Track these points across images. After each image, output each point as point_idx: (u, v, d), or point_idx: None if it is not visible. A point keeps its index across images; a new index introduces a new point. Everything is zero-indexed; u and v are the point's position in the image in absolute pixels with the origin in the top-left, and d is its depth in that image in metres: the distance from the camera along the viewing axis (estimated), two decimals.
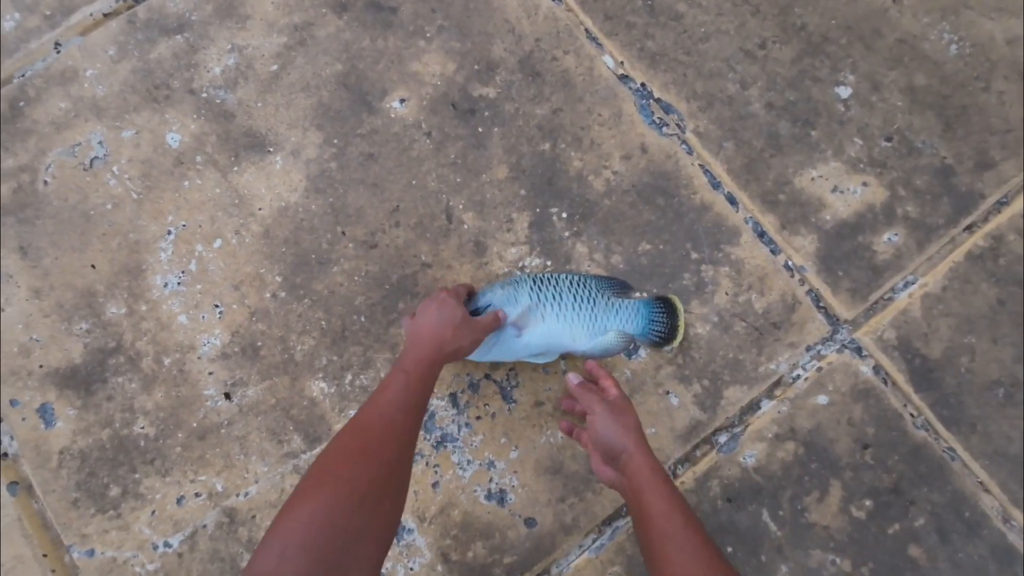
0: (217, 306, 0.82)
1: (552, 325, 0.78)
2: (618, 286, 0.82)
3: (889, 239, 0.84)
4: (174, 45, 0.89)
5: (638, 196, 0.86)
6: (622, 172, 0.87)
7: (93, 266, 0.83)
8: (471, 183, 0.86)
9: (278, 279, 0.83)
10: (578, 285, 0.80)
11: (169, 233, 0.84)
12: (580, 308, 0.79)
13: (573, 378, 0.71)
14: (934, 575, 0.75)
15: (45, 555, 0.76)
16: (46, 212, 0.84)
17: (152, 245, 0.84)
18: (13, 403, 0.79)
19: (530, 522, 0.77)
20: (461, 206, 0.85)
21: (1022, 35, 0.89)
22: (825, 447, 0.78)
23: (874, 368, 0.81)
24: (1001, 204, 0.86)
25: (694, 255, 0.84)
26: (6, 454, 0.79)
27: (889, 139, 0.87)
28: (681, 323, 0.80)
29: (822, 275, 0.84)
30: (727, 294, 0.83)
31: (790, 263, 0.84)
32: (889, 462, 0.78)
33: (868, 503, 0.77)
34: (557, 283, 0.79)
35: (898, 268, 0.84)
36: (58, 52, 0.89)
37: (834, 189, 0.86)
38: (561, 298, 0.78)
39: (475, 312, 0.76)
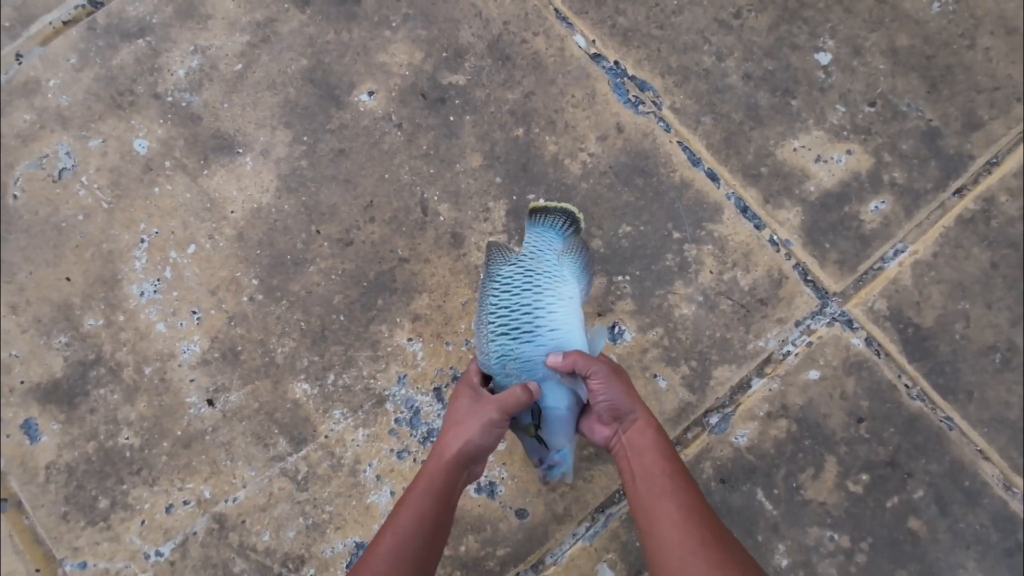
0: (195, 312, 0.79)
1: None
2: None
3: (876, 207, 0.79)
4: (136, 50, 0.85)
5: (616, 177, 0.81)
6: (598, 154, 0.82)
7: (68, 279, 0.80)
8: (445, 174, 0.81)
9: (254, 282, 0.79)
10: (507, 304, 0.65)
11: (142, 241, 0.80)
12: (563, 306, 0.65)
13: (554, 357, 0.63)
14: (934, 547, 0.71)
15: (38, 570, 0.73)
16: (17, 227, 0.81)
17: (126, 254, 0.80)
18: None
19: (521, 513, 0.73)
20: (436, 197, 0.81)
21: None
22: (818, 423, 0.75)
23: (866, 340, 0.77)
24: (991, 165, 0.80)
25: (676, 235, 0.80)
26: None
27: (872, 104, 0.82)
28: (558, 204, 0.71)
29: (808, 248, 0.79)
30: (711, 272, 0.78)
31: (775, 237, 0.79)
32: (885, 435, 0.74)
33: (864, 477, 0.73)
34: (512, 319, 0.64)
35: (887, 237, 0.79)
36: (19, 63, 0.85)
37: (817, 159, 0.81)
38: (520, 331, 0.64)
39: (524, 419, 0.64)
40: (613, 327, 0.78)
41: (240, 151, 0.83)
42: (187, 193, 0.82)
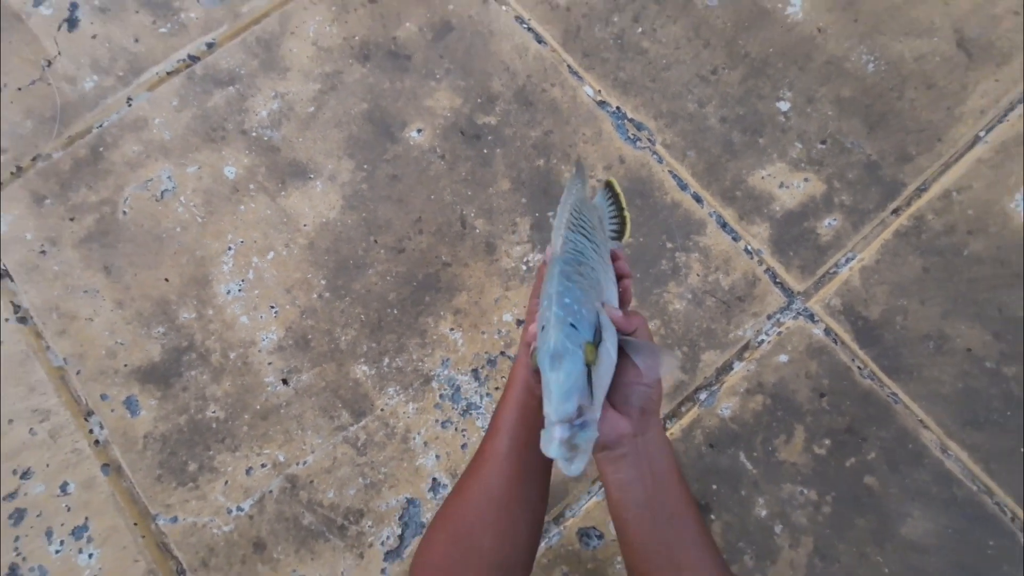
0: (272, 307, 0.91)
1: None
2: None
3: (829, 224, 0.94)
4: (227, 95, 1.00)
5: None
6: (605, 179, 0.97)
7: (166, 280, 0.92)
8: (480, 195, 0.96)
9: (322, 282, 0.92)
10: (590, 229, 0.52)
11: (229, 249, 0.93)
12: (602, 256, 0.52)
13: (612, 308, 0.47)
14: (886, 499, 0.82)
15: (135, 524, 0.83)
16: (125, 237, 0.93)
17: (215, 259, 0.93)
18: (103, 397, 0.87)
19: None
20: (472, 214, 0.95)
21: (925, 54, 1.01)
22: (788, 397, 0.87)
23: (825, 330, 0.90)
24: (920, 190, 0.96)
25: (668, 245, 0.93)
26: (98, 441, 0.86)
27: (824, 142, 0.98)
28: (625, 210, 0.62)
29: (776, 256, 0.93)
30: (698, 275, 0.92)
31: (749, 247, 0.94)
32: (843, 407, 0.86)
33: (827, 442, 0.85)
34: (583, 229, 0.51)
35: (839, 247, 0.93)
36: (130, 105, 0.99)
37: (781, 185, 0.96)
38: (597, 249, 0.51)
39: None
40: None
41: (311, 176, 0.97)
42: (267, 210, 0.95)
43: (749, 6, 1.04)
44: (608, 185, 0.66)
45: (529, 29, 1.03)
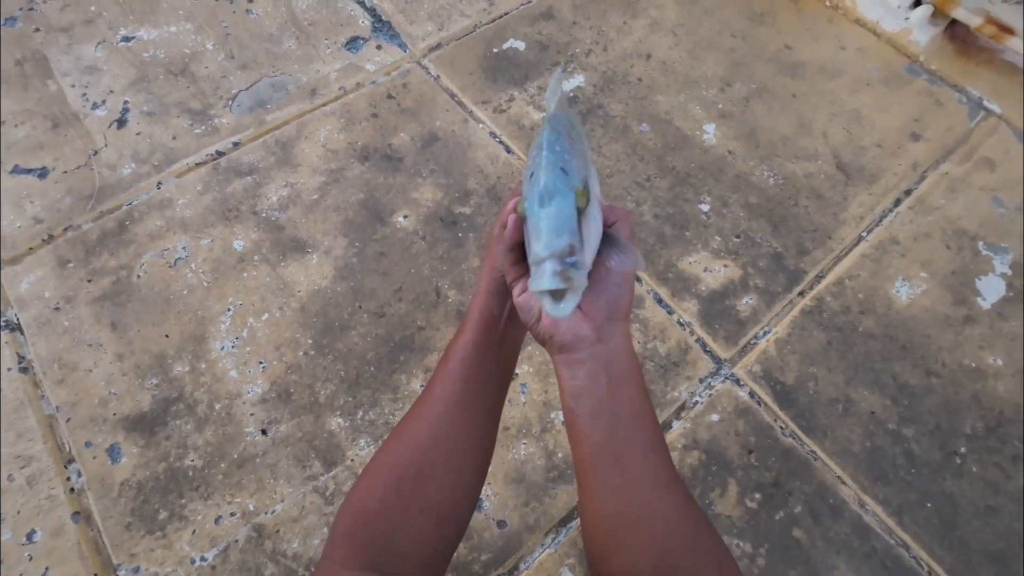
0: (261, 362, 0.92)
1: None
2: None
3: (747, 302, 1.02)
4: (244, 183, 1.09)
5: None
6: None
7: (167, 336, 0.93)
8: (454, 270, 1.02)
9: (309, 341, 0.94)
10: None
11: (229, 310, 0.96)
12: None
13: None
14: (813, 551, 0.82)
15: (95, 575, 0.77)
16: (136, 297, 0.96)
17: (215, 319, 0.95)
18: (88, 444, 0.84)
19: (501, 524, 0.82)
20: (447, 286, 1.01)
21: (812, 172, 1.17)
22: (721, 453, 0.89)
23: (749, 393, 0.94)
24: (819, 277, 1.06)
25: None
26: (73, 489, 0.82)
27: (738, 236, 1.09)
28: None
29: (704, 328, 1.00)
30: (639, 343, 0.97)
31: (681, 320, 1.00)
32: (768, 462, 0.88)
33: (757, 495, 0.86)
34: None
35: (756, 322, 1.01)
36: (159, 188, 1.07)
37: (705, 269, 1.05)
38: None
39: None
40: None
41: (309, 251, 1.03)
42: (267, 278, 1.00)
43: (674, 132, 1.21)
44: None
45: (500, 142, 1.17)
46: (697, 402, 0.93)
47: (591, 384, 0.39)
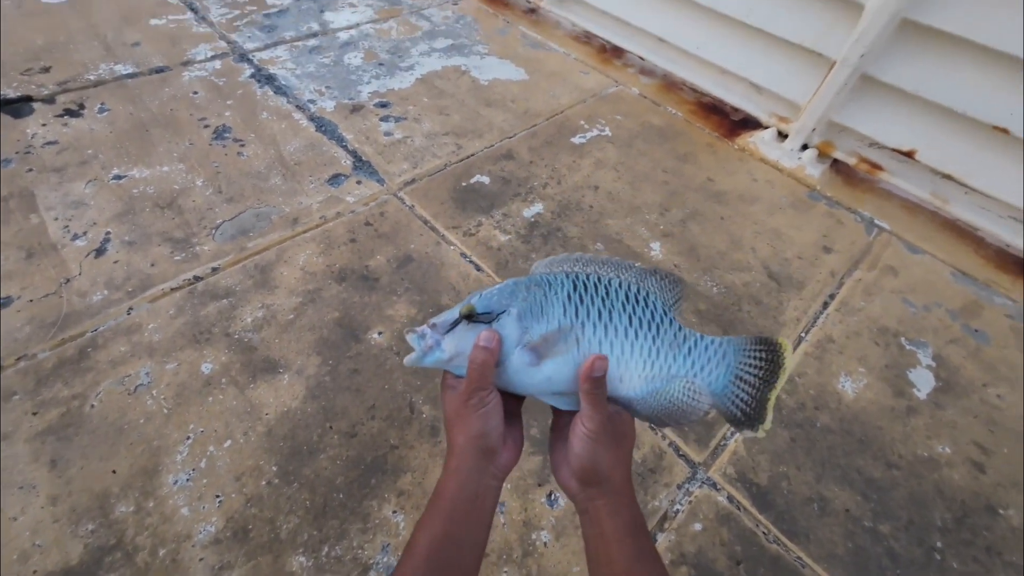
0: (218, 496, 0.84)
1: (590, 350, 0.46)
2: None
3: None
4: (220, 306, 1.09)
5: None
6: None
7: (114, 471, 0.84)
8: (428, 384, 1.02)
9: (274, 468, 0.88)
10: (637, 301, 0.47)
11: (188, 438, 0.89)
12: (639, 335, 0.46)
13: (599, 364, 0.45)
14: None
15: None
16: (85, 429, 0.88)
17: (171, 449, 0.88)
18: None
19: None
20: (420, 401, 0.99)
21: (749, 282, 1.30)
22: (709, 567, 0.84)
23: (728, 497, 0.93)
24: None
25: None
26: None
27: None
28: (776, 389, 0.48)
29: (675, 431, 1.01)
30: None
31: (652, 425, 1.01)
32: (758, 573, 0.84)
33: None
34: (607, 292, 0.47)
35: (722, 423, 1.03)
36: (129, 314, 1.05)
37: None
38: (611, 318, 0.46)
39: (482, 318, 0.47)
40: (550, 495, 0.90)
41: (281, 371, 1.00)
42: (234, 401, 0.95)
43: (625, 250, 1.33)
44: (772, 346, 0.48)
45: (470, 261, 1.25)
46: (679, 511, 0.90)
47: (591, 532, 0.46)
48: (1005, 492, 0.97)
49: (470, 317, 0.47)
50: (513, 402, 0.51)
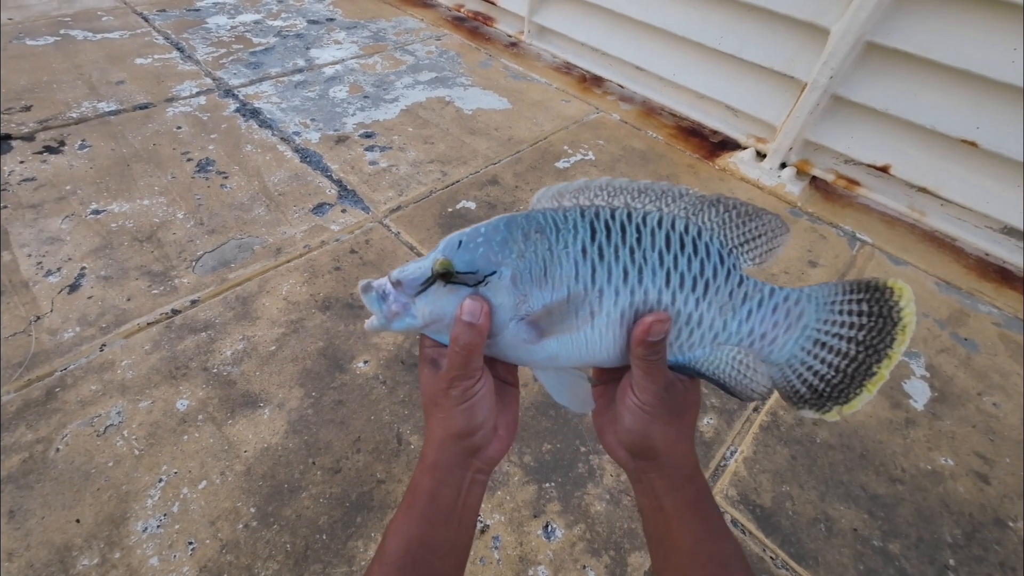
0: (191, 543, 0.77)
1: (608, 323, 0.35)
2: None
3: (708, 422, 1.02)
4: (198, 339, 1.04)
5: (536, 410, 1.01)
6: (522, 396, 1.03)
7: (77, 521, 0.78)
8: (416, 413, 0.97)
9: (252, 510, 0.82)
10: (683, 245, 0.35)
11: (160, 481, 0.83)
12: (676, 298, 0.35)
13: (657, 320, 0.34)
14: None
15: None
16: (48, 476, 0.82)
17: (141, 494, 0.82)
18: None
19: None
20: (408, 431, 0.94)
21: None
22: None
23: (732, 521, 0.88)
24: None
25: (582, 448, 0.95)
26: None
27: None
28: (891, 358, 0.35)
29: None
30: (612, 475, 0.92)
31: None
32: None
33: None
34: (638, 237, 0.34)
35: (721, 442, 0.99)
36: (101, 351, 1.00)
37: None
38: (640, 278, 0.34)
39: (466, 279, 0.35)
40: (547, 526, 0.85)
41: (261, 405, 0.96)
42: (211, 439, 0.90)
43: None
44: (878, 292, 0.35)
45: None
46: None
47: (646, 503, 0.40)
48: (1012, 503, 0.94)
49: (447, 276, 0.34)
50: (505, 369, 0.41)
